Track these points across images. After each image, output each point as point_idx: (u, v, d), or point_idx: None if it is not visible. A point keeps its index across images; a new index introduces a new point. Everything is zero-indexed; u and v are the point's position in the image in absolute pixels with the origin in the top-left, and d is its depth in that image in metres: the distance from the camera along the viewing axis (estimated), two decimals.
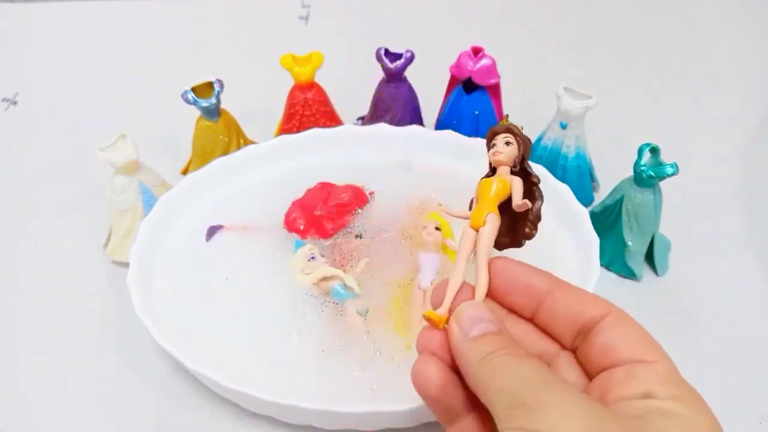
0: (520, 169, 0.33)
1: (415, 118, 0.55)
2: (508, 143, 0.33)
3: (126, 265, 0.43)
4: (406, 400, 0.34)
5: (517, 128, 0.33)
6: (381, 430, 0.37)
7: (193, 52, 0.73)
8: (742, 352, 0.43)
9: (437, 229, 0.45)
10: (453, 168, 0.51)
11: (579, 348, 0.27)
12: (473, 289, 0.30)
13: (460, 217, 0.33)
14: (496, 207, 0.31)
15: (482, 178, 0.33)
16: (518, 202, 0.31)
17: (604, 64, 0.70)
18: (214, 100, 0.50)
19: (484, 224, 0.31)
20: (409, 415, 0.36)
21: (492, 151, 0.33)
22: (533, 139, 0.53)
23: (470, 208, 0.33)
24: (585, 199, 0.51)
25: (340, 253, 0.45)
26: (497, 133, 0.33)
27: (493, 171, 0.33)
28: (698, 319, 0.45)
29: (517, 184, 0.32)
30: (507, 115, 0.35)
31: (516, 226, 0.33)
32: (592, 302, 0.27)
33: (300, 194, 0.49)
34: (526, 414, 0.22)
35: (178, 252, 0.46)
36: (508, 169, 0.33)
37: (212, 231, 0.47)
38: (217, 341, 0.40)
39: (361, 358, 0.39)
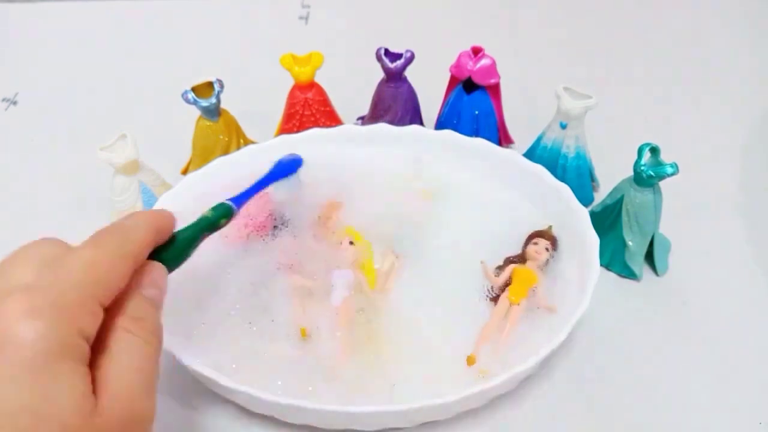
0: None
1: (415, 117, 0.55)
2: (547, 249, 0.44)
3: None
4: (402, 401, 0.35)
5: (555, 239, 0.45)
6: (380, 430, 0.38)
7: (193, 52, 0.73)
8: (742, 352, 0.43)
9: (351, 243, 0.45)
10: (452, 167, 0.51)
11: None
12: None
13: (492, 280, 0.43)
14: (526, 292, 0.42)
15: (511, 258, 0.44)
16: (546, 304, 0.41)
17: (604, 64, 0.70)
18: (214, 100, 0.50)
19: (519, 304, 0.41)
20: (408, 415, 0.36)
21: (535, 249, 0.44)
22: (533, 139, 0.53)
23: (496, 274, 0.44)
24: (585, 199, 0.51)
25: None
26: (543, 237, 0.44)
27: (522, 255, 0.44)
28: (698, 319, 0.45)
29: (543, 285, 0.42)
30: (551, 226, 0.45)
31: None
32: None
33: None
34: None
35: None
36: (536, 264, 0.43)
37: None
38: (216, 340, 0.40)
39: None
